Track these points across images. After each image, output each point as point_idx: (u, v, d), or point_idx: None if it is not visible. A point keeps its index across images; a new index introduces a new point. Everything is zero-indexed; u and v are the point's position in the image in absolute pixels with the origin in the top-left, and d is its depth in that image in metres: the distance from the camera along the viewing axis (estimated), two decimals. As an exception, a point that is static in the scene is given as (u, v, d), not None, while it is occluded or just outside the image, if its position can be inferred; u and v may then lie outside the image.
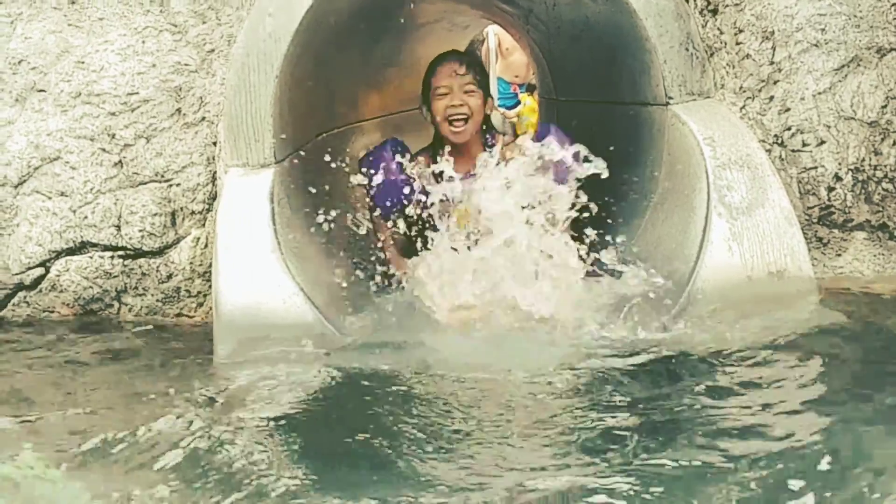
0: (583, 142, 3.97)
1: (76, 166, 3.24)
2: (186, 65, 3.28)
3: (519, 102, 5.93)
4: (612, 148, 3.01)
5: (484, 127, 3.28)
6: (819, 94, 2.94)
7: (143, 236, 3.25)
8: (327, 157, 3.82)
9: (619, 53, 3.23)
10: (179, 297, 3.27)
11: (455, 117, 3.17)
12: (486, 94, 3.30)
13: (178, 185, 3.26)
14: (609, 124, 3.57)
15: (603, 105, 3.67)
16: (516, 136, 5.55)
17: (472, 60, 3.35)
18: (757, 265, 2.70)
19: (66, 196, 3.25)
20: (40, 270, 3.26)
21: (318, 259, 3.13)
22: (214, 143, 3.25)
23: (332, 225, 3.56)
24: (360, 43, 3.88)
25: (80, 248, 3.25)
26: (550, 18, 3.75)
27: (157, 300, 3.27)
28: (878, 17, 2.85)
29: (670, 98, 3.01)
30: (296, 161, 3.29)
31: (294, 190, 3.23)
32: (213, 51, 3.28)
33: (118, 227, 3.25)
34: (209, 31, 3.29)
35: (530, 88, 5.87)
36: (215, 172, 3.23)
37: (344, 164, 3.94)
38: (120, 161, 3.26)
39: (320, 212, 3.46)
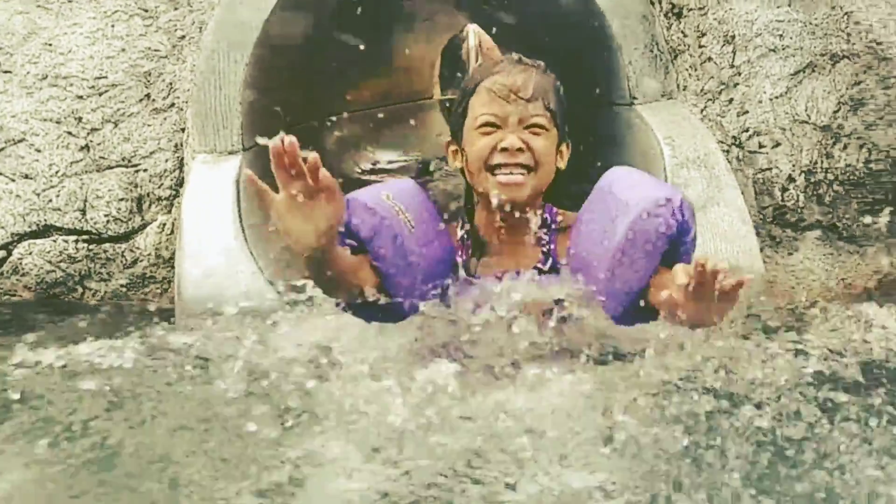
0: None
1: (41, 149, 3.23)
2: (157, 50, 3.28)
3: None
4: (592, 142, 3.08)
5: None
6: (776, 97, 3.04)
7: (108, 221, 3.24)
8: (302, 148, 3.85)
9: (587, 54, 3.30)
10: (144, 283, 3.27)
11: (506, 163, 1.99)
12: (563, 138, 2.16)
13: (145, 170, 3.26)
14: (580, 123, 3.64)
15: (574, 104, 3.75)
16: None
17: (546, 81, 2.11)
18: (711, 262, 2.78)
19: (31, 179, 3.23)
20: (2, 253, 3.24)
21: (285, 248, 3.16)
22: (183, 130, 3.25)
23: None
24: (341, 35, 3.91)
25: (44, 231, 3.24)
26: (522, 17, 3.82)
27: (122, 285, 3.26)
28: (832, 25, 2.95)
29: (634, 98, 3.08)
30: (265, 149, 3.31)
31: (263, 178, 3.24)
32: (184, 37, 3.29)
33: (83, 212, 3.25)
34: (181, 17, 3.29)
35: None
36: (183, 159, 3.24)
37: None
38: (87, 145, 3.25)
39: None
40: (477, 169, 2.03)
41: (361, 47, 3.40)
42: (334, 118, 4.11)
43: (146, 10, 3.28)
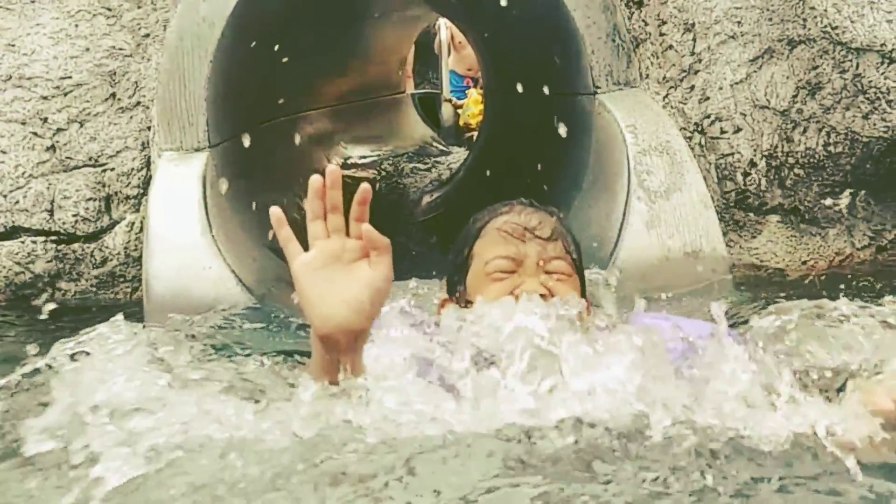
0: (523, 131, 4.09)
1: (6, 150, 3.22)
2: (121, 49, 3.28)
3: (472, 96, 6.02)
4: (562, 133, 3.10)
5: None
6: (736, 83, 3.07)
7: (76, 221, 3.24)
8: (272, 144, 3.86)
9: (551, 44, 3.33)
10: (114, 283, 3.27)
11: None
12: (583, 293, 1.75)
13: (112, 169, 3.26)
14: (546, 113, 3.67)
15: (540, 94, 3.78)
16: (459, 128, 5.64)
17: (563, 224, 1.78)
18: (674, 246, 2.82)
19: (-2, 180, 3.23)
20: (-29, 256, 3.23)
21: (252, 243, 3.17)
22: (149, 128, 3.26)
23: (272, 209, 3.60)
24: (309, 30, 3.92)
25: (12, 232, 3.23)
26: (488, 9, 3.84)
27: (92, 285, 3.26)
28: (789, 11, 2.99)
29: (598, 87, 3.11)
30: (233, 146, 3.32)
31: (231, 174, 3.25)
32: (148, 35, 3.29)
33: (51, 212, 3.24)
34: (144, 15, 3.29)
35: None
36: (150, 157, 3.25)
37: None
38: (52, 145, 3.25)
39: (258, 196, 3.49)
40: None
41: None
42: (305, 113, 4.13)
43: (110, 10, 3.27)
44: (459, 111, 5.72)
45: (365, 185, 1.44)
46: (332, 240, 1.44)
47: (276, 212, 1.50)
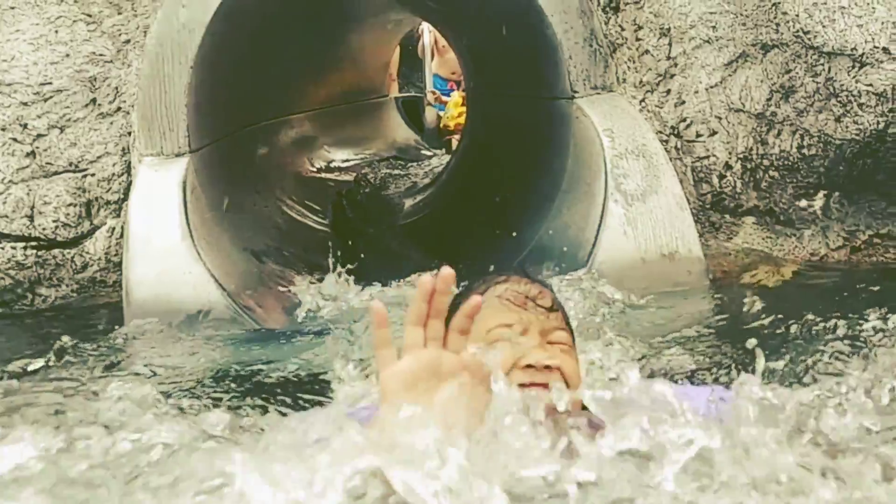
0: (505, 134, 4.12)
1: (-13, 156, 3.22)
2: (101, 55, 3.29)
3: (455, 100, 6.04)
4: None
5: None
6: (711, 87, 3.12)
7: (57, 227, 3.24)
8: (254, 148, 3.88)
9: (530, 49, 3.36)
10: (95, 288, 3.27)
11: (531, 383, 1.57)
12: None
13: (92, 175, 3.27)
14: (527, 117, 3.70)
15: (521, 98, 3.81)
16: (440, 130, 5.67)
17: (555, 300, 1.71)
18: (650, 248, 2.86)
19: (-22, 186, 3.22)
20: (-49, 262, 3.23)
21: (233, 247, 3.18)
22: (130, 134, 3.26)
23: (253, 214, 3.62)
24: (291, 36, 3.94)
25: (-7, 238, 3.23)
26: (468, 15, 3.87)
27: (73, 291, 3.27)
28: (762, 16, 3.03)
29: (575, 92, 3.14)
30: (214, 151, 3.33)
31: (212, 179, 3.27)
32: (128, 41, 3.30)
33: (31, 218, 3.24)
34: (125, 21, 3.30)
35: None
36: (130, 162, 3.25)
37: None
38: (33, 151, 3.25)
39: (239, 201, 3.50)
40: None
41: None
42: (288, 117, 4.14)
43: (90, 16, 3.28)
44: (441, 114, 5.75)
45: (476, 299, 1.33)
46: (429, 350, 1.31)
47: (379, 309, 1.32)
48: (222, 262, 2.98)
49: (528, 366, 1.52)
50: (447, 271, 1.30)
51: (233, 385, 2.06)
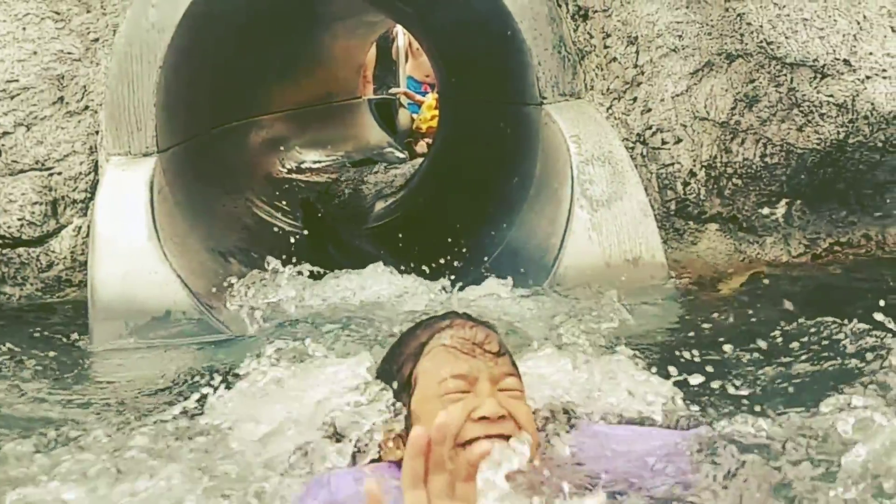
0: (475, 138, 4.15)
1: (-49, 153, 3.19)
2: (69, 53, 3.27)
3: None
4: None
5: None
6: (677, 95, 3.16)
7: (22, 225, 3.22)
8: (223, 149, 3.87)
9: (500, 55, 3.39)
10: (60, 287, 3.25)
11: (485, 436, 1.52)
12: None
13: (59, 173, 3.25)
14: (496, 122, 3.73)
15: (490, 103, 3.84)
16: (413, 133, 5.68)
17: (501, 343, 1.65)
18: (614, 253, 2.90)
19: (-58, 183, 3.19)
20: (-86, 260, 3.19)
21: (200, 248, 3.18)
22: (97, 132, 3.25)
23: (221, 215, 3.61)
24: (263, 37, 3.93)
25: (-44, 236, 3.20)
26: (439, 19, 3.89)
27: (37, 289, 3.24)
28: (727, 26, 3.09)
29: (544, 98, 3.18)
30: (184, 151, 3.33)
31: (181, 179, 3.26)
32: (97, 40, 3.28)
33: (-4, 216, 3.21)
34: (93, 19, 3.28)
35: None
36: (98, 161, 3.24)
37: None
38: (-1, 148, 3.22)
39: (208, 202, 3.49)
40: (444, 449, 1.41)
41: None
42: (259, 118, 4.14)
43: (58, 13, 3.26)
44: (414, 116, 5.77)
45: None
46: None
47: (372, 491, 1.20)
48: (189, 263, 2.98)
49: (482, 417, 1.50)
50: (443, 420, 1.23)
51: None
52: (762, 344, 2.30)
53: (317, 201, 4.22)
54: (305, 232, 3.80)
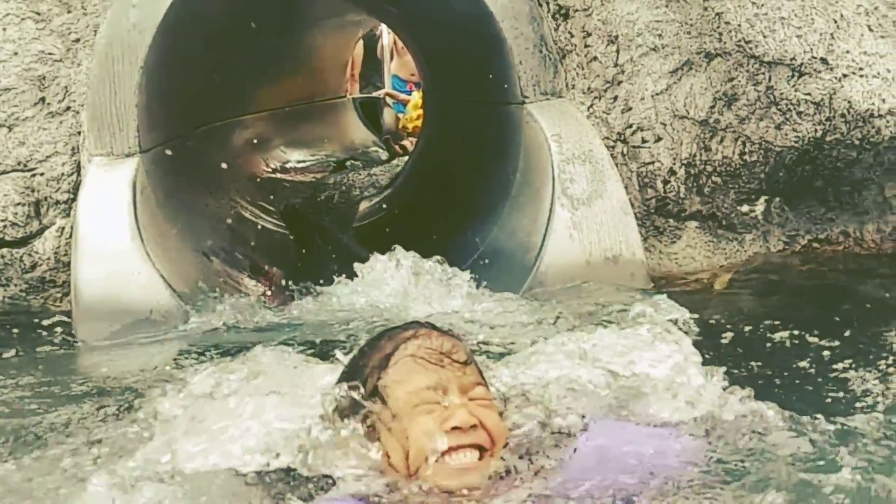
0: (458, 138, 4.16)
1: (-68, 154, 3.18)
2: (51, 54, 3.26)
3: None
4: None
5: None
6: (657, 94, 3.19)
7: (4, 226, 3.22)
8: (207, 149, 3.87)
9: (482, 54, 3.41)
10: (44, 288, 3.25)
11: (458, 446, 1.53)
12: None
13: (41, 174, 3.25)
14: (479, 121, 3.75)
15: (473, 102, 3.85)
16: (397, 130, 5.69)
17: (468, 352, 1.65)
18: (595, 251, 2.92)
19: (-77, 185, 3.19)
20: None
21: (184, 248, 3.19)
22: (80, 133, 3.24)
23: (205, 215, 3.61)
24: (245, 37, 3.93)
25: (-62, 237, 3.20)
26: (422, 18, 3.90)
27: (21, 290, 3.24)
28: (706, 25, 3.11)
29: (525, 97, 3.20)
30: (166, 151, 3.33)
31: (164, 179, 3.27)
32: (78, 40, 3.28)
33: (-22, 217, 3.21)
34: (74, 20, 3.28)
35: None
36: (80, 162, 3.23)
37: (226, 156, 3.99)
38: (-20, 150, 3.22)
39: (191, 202, 3.49)
40: (416, 461, 1.50)
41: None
42: (242, 118, 4.14)
43: (38, 14, 3.25)
44: (400, 116, 5.77)
45: None
46: None
47: None
48: (172, 263, 2.99)
49: (455, 428, 1.50)
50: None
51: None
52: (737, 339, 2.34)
53: (302, 201, 4.22)
54: (290, 232, 3.82)
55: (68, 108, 3.27)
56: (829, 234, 3.34)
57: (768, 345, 2.41)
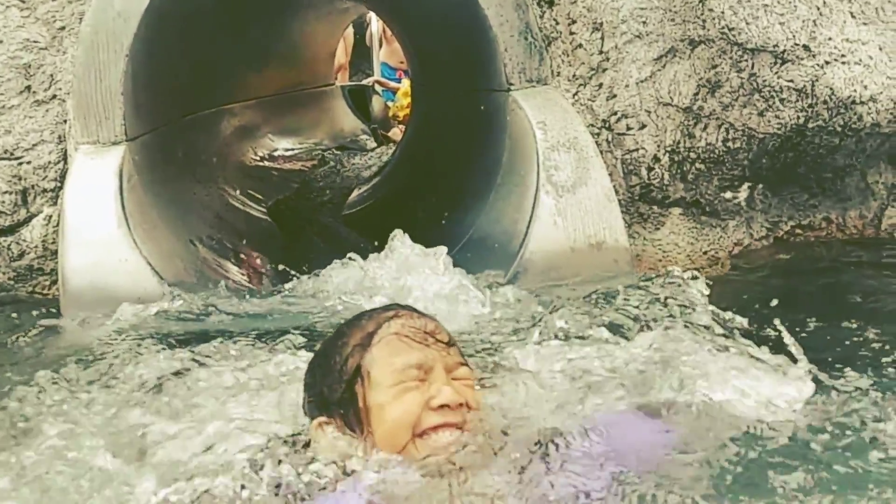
0: (445, 126, 4.18)
1: (-82, 143, 3.18)
2: (36, 42, 3.26)
3: (404, 88, 6.05)
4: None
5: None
6: (641, 81, 3.21)
7: (-8, 214, 3.23)
8: (194, 137, 3.87)
9: (468, 42, 3.42)
10: (32, 276, 3.26)
11: (444, 424, 1.53)
12: None
13: (28, 162, 3.25)
14: (466, 109, 3.76)
15: (459, 90, 3.87)
16: (387, 118, 5.69)
17: (449, 334, 1.66)
18: (579, 238, 2.95)
19: None
20: None
21: (171, 236, 3.20)
22: (66, 121, 3.25)
23: (193, 203, 3.63)
24: (232, 24, 3.93)
25: (-74, 226, 3.20)
26: (409, 6, 3.91)
27: (10, 278, 3.26)
28: (689, 12, 3.13)
29: (511, 84, 3.21)
30: (153, 139, 3.33)
31: (151, 168, 3.27)
32: (63, 28, 3.28)
33: (-34, 205, 3.22)
34: (59, 7, 3.27)
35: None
36: (67, 150, 3.24)
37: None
38: (-34, 138, 3.22)
39: (179, 190, 3.50)
40: (399, 437, 1.49)
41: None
42: (229, 106, 4.14)
43: (23, 1, 3.25)
44: (388, 104, 5.78)
45: None
46: None
47: None
48: (159, 251, 3.00)
49: (442, 406, 1.49)
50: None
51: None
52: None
53: (292, 193, 4.23)
54: (278, 220, 3.83)
55: (54, 97, 3.27)
56: (811, 219, 3.38)
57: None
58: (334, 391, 1.56)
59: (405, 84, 5.73)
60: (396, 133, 5.38)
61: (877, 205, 3.40)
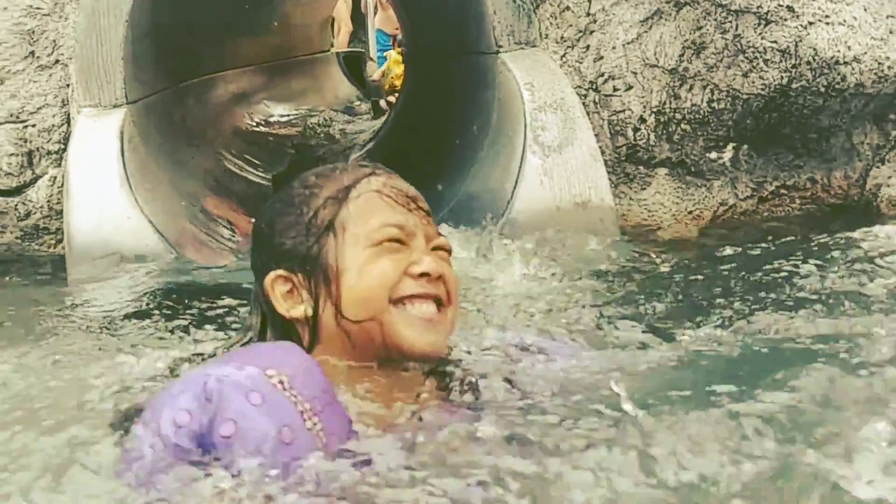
0: (436, 90, 4.23)
1: (-73, 107, 3.30)
2: (38, 8, 3.35)
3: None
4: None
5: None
6: (628, 43, 3.27)
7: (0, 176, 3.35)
8: (191, 102, 3.97)
9: (457, 4, 3.48)
10: (38, 235, 3.39)
11: (422, 294, 1.41)
12: None
13: (33, 125, 3.36)
14: (456, 73, 3.83)
15: (449, 54, 3.93)
16: (375, 88, 5.74)
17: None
18: (565, 197, 3.03)
19: (-81, 137, 3.31)
20: None
21: (172, 196, 3.31)
22: (69, 86, 3.35)
23: (191, 166, 3.74)
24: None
25: (-64, 188, 3.33)
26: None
27: (17, 238, 3.39)
28: (674, -25, 3.18)
29: (500, 47, 3.28)
30: (152, 103, 3.43)
31: (151, 131, 3.38)
32: (64, -6, 3.37)
33: (-26, 168, 3.34)
34: (60, -26, 3.36)
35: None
36: (70, 113, 3.35)
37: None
38: (-27, 102, 3.33)
39: (178, 153, 3.60)
40: (373, 302, 1.36)
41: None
42: (226, 72, 4.22)
43: (26, -32, 3.34)
44: (385, 71, 5.82)
45: None
46: None
47: None
48: (160, 209, 3.11)
49: (423, 274, 1.37)
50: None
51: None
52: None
53: (289, 161, 4.32)
54: (277, 184, 3.93)
55: (57, 62, 3.37)
56: (796, 180, 3.44)
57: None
58: (299, 245, 1.40)
59: (393, 53, 5.75)
60: (393, 101, 5.44)
61: (862, 165, 3.46)
